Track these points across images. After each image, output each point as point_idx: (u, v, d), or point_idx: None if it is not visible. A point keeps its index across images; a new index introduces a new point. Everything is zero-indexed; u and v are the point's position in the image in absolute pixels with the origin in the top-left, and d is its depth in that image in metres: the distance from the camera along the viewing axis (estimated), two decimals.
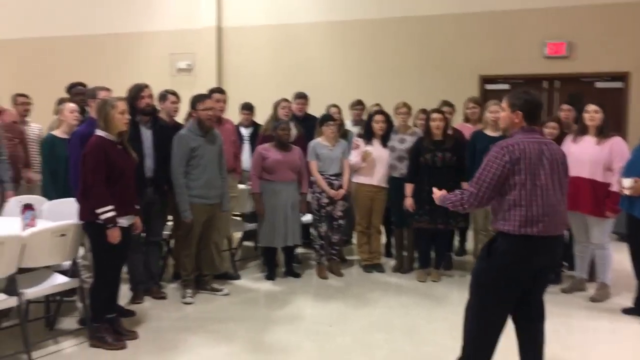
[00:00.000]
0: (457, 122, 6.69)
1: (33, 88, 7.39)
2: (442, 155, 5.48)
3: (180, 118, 5.83)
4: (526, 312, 3.26)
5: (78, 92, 5.96)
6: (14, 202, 4.66)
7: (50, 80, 6.63)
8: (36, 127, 6.36)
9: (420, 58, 8.99)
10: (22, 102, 6.34)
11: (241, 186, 6.06)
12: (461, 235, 6.73)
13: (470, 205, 3.17)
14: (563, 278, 5.56)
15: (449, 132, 5.76)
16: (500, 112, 3.54)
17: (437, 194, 3.43)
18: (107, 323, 4.10)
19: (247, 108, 6.89)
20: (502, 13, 8.57)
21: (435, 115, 5.57)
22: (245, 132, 6.81)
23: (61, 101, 5.97)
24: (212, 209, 5.06)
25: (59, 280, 4.11)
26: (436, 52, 8.89)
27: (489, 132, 5.61)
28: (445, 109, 6.06)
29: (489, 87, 8.79)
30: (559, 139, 5.17)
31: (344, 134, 6.37)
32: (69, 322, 4.49)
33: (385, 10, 9.14)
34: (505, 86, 8.61)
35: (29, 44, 11.08)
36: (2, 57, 11.17)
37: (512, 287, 3.13)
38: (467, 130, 6.18)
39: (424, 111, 6.00)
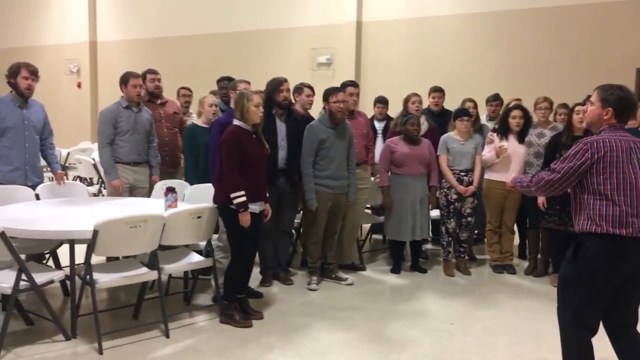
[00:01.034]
0: None
1: (191, 81, 7.96)
2: None
3: (315, 111, 5.97)
4: (621, 317, 3.02)
5: (223, 86, 6.37)
6: (160, 185, 5.10)
7: (206, 73, 7.13)
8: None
9: (566, 50, 8.44)
10: (184, 95, 6.88)
11: (372, 179, 6.10)
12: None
13: (538, 189, 3.08)
14: None
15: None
16: (586, 107, 3.26)
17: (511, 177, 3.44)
18: (237, 302, 4.36)
19: (381, 102, 6.91)
20: None
21: (579, 108, 5.19)
22: (378, 125, 6.84)
23: (212, 93, 6.50)
24: (337, 197, 5.18)
25: (195, 259, 4.44)
26: (587, 43, 8.29)
27: None
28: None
29: None
30: None
31: (479, 129, 6.17)
32: (204, 299, 4.84)
33: (532, 1, 8.68)
34: None
35: (188, 41, 12.01)
36: (165, 52, 12.21)
37: (602, 290, 2.92)
38: None
39: (564, 106, 5.65)
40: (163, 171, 5.70)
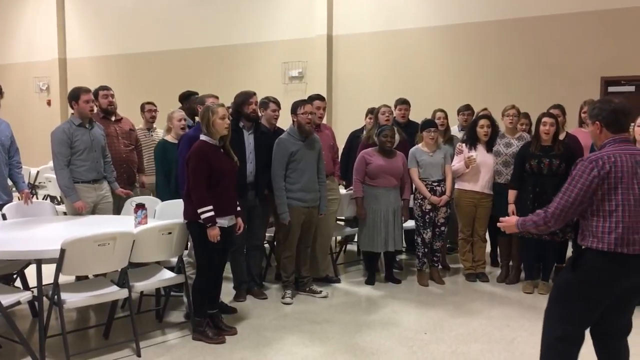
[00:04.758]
0: (574, 126, 6.30)
1: (162, 96, 7.90)
2: (549, 162, 5.20)
3: (284, 125, 5.95)
4: (610, 328, 3.03)
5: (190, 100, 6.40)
6: (130, 202, 5.04)
7: (177, 89, 7.09)
8: (162, 132, 6.78)
9: (534, 61, 8.61)
10: (149, 110, 6.72)
11: (343, 191, 6.10)
12: (575, 246, 6.32)
13: (556, 223, 2.97)
14: None
15: (561, 137, 5.47)
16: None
17: (511, 220, 3.20)
18: (209, 318, 4.32)
19: (374, 113, 6.89)
20: (626, 10, 7.99)
21: (545, 120, 5.28)
22: None
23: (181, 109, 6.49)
24: (310, 211, 5.18)
25: (166, 276, 4.40)
26: (552, 53, 8.47)
27: None
28: (553, 111, 5.72)
29: (613, 89, 8.21)
30: None
31: (449, 139, 6.24)
32: (177, 316, 4.79)
33: (496, 13, 8.86)
34: (631, 88, 8.03)
35: (159, 56, 11.98)
36: (136, 68, 12.18)
37: (595, 304, 2.92)
38: (583, 135, 5.80)
39: (526, 115, 5.80)
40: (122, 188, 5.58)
